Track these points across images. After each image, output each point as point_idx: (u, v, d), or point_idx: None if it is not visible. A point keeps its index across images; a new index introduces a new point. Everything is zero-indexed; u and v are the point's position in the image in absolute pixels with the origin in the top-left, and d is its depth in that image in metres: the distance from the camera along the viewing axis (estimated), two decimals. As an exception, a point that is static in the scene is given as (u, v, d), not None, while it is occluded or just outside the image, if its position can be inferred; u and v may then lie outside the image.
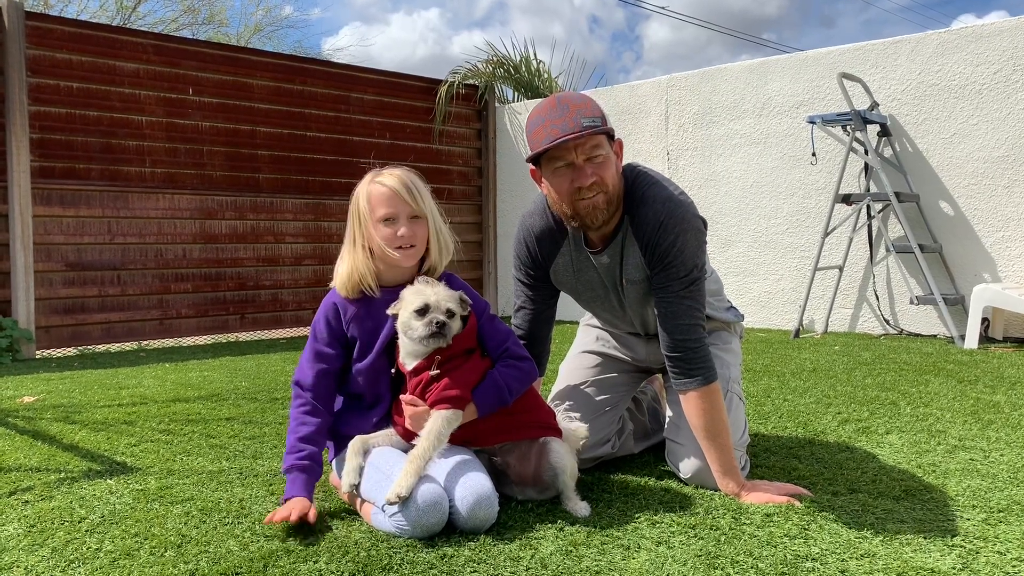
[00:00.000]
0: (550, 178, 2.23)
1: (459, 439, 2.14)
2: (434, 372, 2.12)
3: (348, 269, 2.24)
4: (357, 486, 2.08)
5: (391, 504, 1.92)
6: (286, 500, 2.06)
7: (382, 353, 2.24)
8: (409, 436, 2.17)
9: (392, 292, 2.23)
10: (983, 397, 3.60)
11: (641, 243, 2.27)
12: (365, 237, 2.24)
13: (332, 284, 2.29)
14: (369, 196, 2.23)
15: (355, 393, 2.30)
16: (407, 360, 2.18)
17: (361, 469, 2.10)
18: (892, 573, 1.72)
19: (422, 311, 2.11)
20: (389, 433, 2.22)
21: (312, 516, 2.00)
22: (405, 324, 2.14)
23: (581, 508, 2.13)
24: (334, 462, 2.29)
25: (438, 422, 2.06)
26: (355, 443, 2.16)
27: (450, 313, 2.13)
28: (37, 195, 5.82)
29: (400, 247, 2.20)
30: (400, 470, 2.00)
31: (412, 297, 2.14)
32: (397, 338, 2.21)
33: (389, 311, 2.19)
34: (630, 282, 2.36)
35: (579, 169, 2.17)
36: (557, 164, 2.19)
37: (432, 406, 2.09)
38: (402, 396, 2.18)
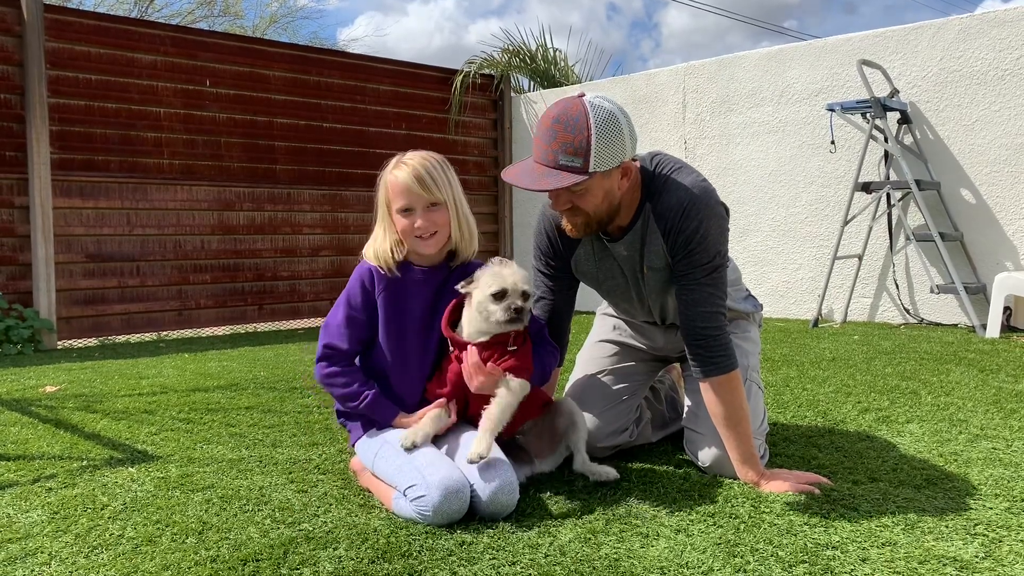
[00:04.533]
0: None
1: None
2: (512, 347, 2.17)
3: (375, 247, 2.29)
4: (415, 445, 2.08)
5: (472, 463, 1.97)
6: (384, 424, 2.20)
7: (419, 332, 2.28)
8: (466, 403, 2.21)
9: (425, 271, 2.28)
10: (1005, 386, 3.56)
11: (663, 230, 2.25)
12: (391, 221, 2.28)
13: (363, 255, 2.32)
14: (388, 185, 2.26)
15: (382, 375, 2.31)
16: (475, 336, 2.19)
17: (428, 437, 2.12)
18: (913, 561, 1.71)
19: (500, 295, 2.12)
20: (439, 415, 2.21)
21: (449, 409, 2.17)
22: (481, 306, 2.15)
23: (605, 472, 2.15)
24: (357, 445, 2.29)
25: (512, 393, 2.11)
26: (432, 410, 2.18)
27: (525, 295, 2.15)
28: (57, 187, 5.87)
29: (419, 236, 2.22)
30: (422, 454, 2.03)
31: (489, 279, 2.15)
32: (440, 314, 2.25)
33: (460, 288, 2.21)
34: (652, 269, 2.34)
35: (555, 195, 2.19)
36: None
37: (508, 372, 2.14)
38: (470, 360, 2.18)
